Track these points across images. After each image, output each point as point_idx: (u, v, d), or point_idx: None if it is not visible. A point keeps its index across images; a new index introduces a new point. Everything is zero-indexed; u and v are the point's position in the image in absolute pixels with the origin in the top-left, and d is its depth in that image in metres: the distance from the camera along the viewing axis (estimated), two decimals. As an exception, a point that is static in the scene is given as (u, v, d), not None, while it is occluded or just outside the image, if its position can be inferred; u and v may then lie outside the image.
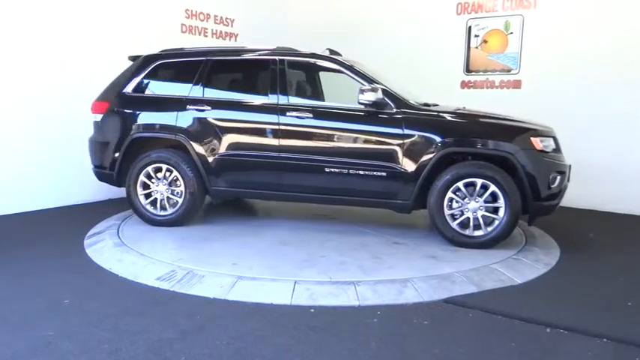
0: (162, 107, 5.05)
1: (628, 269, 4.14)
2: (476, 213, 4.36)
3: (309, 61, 5.12)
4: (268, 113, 4.78)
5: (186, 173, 4.90)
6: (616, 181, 6.09)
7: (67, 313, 3.17)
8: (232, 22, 7.89)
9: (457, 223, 4.42)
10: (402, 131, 4.47)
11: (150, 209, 5.05)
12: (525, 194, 4.30)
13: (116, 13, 6.35)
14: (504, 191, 4.26)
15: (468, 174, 4.35)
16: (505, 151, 4.32)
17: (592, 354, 2.75)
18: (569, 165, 4.59)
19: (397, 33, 7.60)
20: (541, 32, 6.60)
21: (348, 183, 4.64)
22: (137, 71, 5.19)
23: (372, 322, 3.10)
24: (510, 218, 4.29)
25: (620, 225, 5.67)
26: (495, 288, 3.64)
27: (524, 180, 4.28)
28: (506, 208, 4.28)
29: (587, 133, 6.18)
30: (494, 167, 4.32)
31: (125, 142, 5.04)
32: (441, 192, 4.39)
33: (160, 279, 3.69)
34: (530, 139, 4.35)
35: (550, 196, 4.39)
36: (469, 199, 4.36)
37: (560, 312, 3.25)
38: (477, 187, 4.33)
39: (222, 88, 5.18)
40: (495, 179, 4.28)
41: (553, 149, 4.48)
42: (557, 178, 4.38)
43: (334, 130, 4.68)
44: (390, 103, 4.53)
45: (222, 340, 2.83)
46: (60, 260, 4.17)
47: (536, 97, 6.55)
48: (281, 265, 3.92)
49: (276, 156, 4.74)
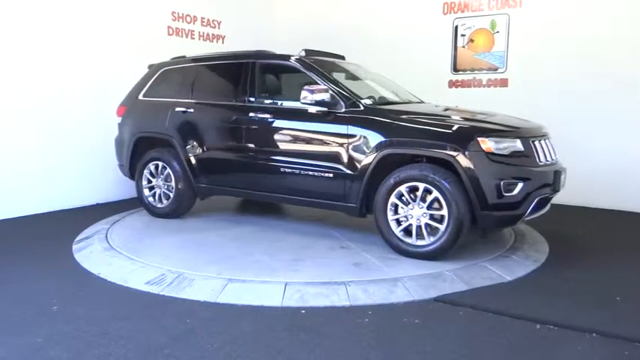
0: (158, 110, 5.50)
1: (616, 264, 4.18)
2: (419, 220, 4.03)
3: (276, 63, 5.16)
4: (235, 114, 5.01)
5: (175, 170, 5.33)
6: (604, 178, 6.16)
7: (55, 319, 3.14)
8: (219, 24, 7.86)
9: (400, 230, 4.12)
10: (346, 131, 4.34)
11: (151, 201, 5.57)
12: (471, 202, 3.87)
13: (101, 15, 6.30)
14: (447, 198, 3.89)
15: (410, 177, 4.02)
16: (445, 153, 3.92)
17: (582, 349, 2.77)
18: (555, 170, 4.13)
19: (384, 34, 7.64)
20: (527, 31, 6.65)
21: (301, 183, 4.64)
22: (148, 78, 5.76)
23: (364, 322, 3.10)
24: (453, 228, 3.87)
25: (608, 221, 5.73)
26: (485, 286, 3.66)
27: (468, 186, 3.84)
28: (449, 216, 3.88)
29: (573, 129, 6.23)
30: (437, 170, 3.94)
31: (132, 141, 5.62)
32: (384, 196, 4.13)
33: (149, 283, 3.67)
34: (477, 139, 3.87)
35: (505, 205, 3.87)
36: (413, 204, 4.05)
37: (550, 308, 3.27)
38: (420, 192, 4.00)
39: (203, 91, 5.41)
40: (437, 184, 3.92)
41: (515, 152, 3.95)
42: (516, 185, 3.84)
43: (288, 130, 4.74)
44: (340, 102, 4.42)
45: (212, 344, 2.81)
46: (48, 266, 4.13)
47: (523, 94, 6.60)
48: (195, 259, 4.10)
49: (241, 156, 4.98)
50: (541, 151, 4.12)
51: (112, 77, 6.44)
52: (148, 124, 5.59)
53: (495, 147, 3.87)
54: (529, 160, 4.00)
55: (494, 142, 3.88)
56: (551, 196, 4.19)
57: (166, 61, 5.79)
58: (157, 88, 5.65)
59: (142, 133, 5.59)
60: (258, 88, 5.04)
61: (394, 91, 5.28)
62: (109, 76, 6.41)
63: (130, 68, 6.60)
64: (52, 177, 5.92)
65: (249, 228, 5.11)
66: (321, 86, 4.45)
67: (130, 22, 6.62)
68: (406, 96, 5.26)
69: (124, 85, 6.51)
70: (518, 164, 3.95)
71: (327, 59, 5.28)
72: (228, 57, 5.38)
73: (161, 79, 5.67)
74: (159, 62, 5.81)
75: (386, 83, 5.45)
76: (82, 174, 6.21)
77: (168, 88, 5.58)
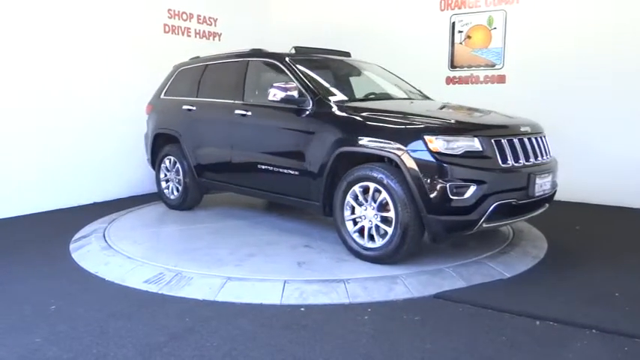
0: (171, 108, 5.89)
1: (614, 260, 4.18)
2: (371, 222, 3.92)
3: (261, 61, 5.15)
4: (226, 112, 5.14)
5: (183, 165, 5.67)
6: (602, 173, 6.15)
7: (53, 318, 3.12)
8: (215, 22, 7.83)
9: (354, 231, 4.02)
10: (310, 129, 4.32)
11: (166, 193, 5.97)
12: (417, 204, 3.65)
13: (96, 14, 6.26)
14: (394, 199, 3.72)
15: (362, 177, 3.91)
16: (391, 152, 3.74)
17: (581, 345, 2.77)
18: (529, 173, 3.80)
19: (381, 30, 7.62)
20: (524, 27, 6.64)
21: (275, 180, 4.69)
22: (169, 78, 6.14)
23: (363, 319, 3.09)
24: (399, 232, 3.70)
25: (606, 217, 5.73)
26: (484, 282, 3.66)
27: (413, 187, 3.63)
28: (396, 218, 3.73)
29: (571, 125, 6.23)
30: (387, 171, 3.78)
31: (152, 137, 6.08)
32: (341, 196, 4.06)
33: (147, 282, 3.65)
34: (423, 138, 3.62)
35: (454, 209, 3.59)
36: (366, 205, 3.95)
37: (549, 304, 3.28)
38: (371, 192, 3.88)
39: (206, 90, 5.62)
40: (385, 185, 3.75)
41: (471, 152, 3.64)
42: (467, 188, 3.56)
43: (264, 128, 4.82)
44: (308, 99, 4.37)
45: (212, 342, 2.80)
46: (45, 265, 4.11)
47: (521, 91, 6.59)
48: (156, 248, 4.40)
49: (230, 153, 5.16)
50: (510, 152, 3.76)
51: (108, 76, 6.41)
52: (163, 121, 5.97)
53: (444, 146, 3.60)
54: (488, 162, 3.66)
55: (443, 141, 3.61)
56: (520, 202, 3.79)
57: (184, 62, 6.09)
58: (174, 88, 6.00)
59: (159, 130, 5.99)
60: (247, 87, 5.11)
61: (395, 88, 5.27)
62: (105, 74, 6.38)
63: (126, 67, 6.59)
64: (49, 176, 5.88)
65: (239, 222, 5.29)
66: (288, 84, 4.42)
67: (126, 20, 6.58)
68: (407, 92, 5.24)
69: (119, 84, 6.52)
70: (472, 165, 3.61)
71: (318, 56, 5.27)
72: (228, 57, 5.52)
73: (178, 78, 6.01)
74: (179, 62, 6.13)
75: (389, 79, 5.44)
76: (78, 173, 6.17)
77: (182, 87, 5.90)
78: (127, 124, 6.61)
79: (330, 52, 5.53)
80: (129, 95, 6.63)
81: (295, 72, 4.65)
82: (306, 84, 4.50)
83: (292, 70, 4.68)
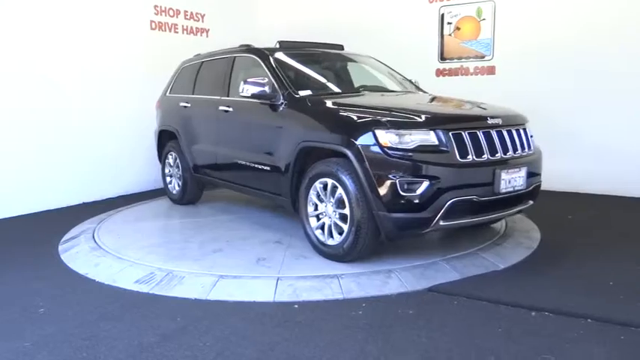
0: (172, 105, 5.98)
1: (608, 249, 4.18)
2: (331, 219, 3.84)
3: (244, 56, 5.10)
4: (214, 109, 5.15)
5: (182, 159, 5.78)
6: (594, 162, 6.15)
7: (42, 322, 3.07)
8: (203, 18, 7.74)
9: (316, 227, 3.95)
10: (278, 124, 4.28)
11: (169, 188, 6.13)
12: (368, 201, 3.52)
13: (81, 11, 6.15)
14: (348, 195, 3.61)
15: (321, 173, 3.83)
16: (342, 146, 3.64)
17: (577, 335, 2.75)
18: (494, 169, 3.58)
19: (370, 23, 7.56)
20: (513, 17, 6.62)
21: (252, 175, 4.72)
22: (173, 76, 6.22)
23: (357, 315, 3.06)
24: (353, 229, 3.60)
25: (598, 206, 5.73)
26: (479, 274, 3.64)
27: (363, 183, 3.50)
28: (350, 215, 3.62)
29: (562, 115, 6.23)
30: (342, 166, 3.66)
31: (157, 133, 6.25)
32: (304, 192, 3.99)
33: (138, 282, 3.60)
34: (374, 131, 3.49)
35: (405, 207, 3.42)
36: (326, 202, 3.87)
37: (544, 295, 3.26)
38: (329, 188, 3.81)
39: (199, 87, 5.67)
40: (341, 180, 3.65)
41: (425, 146, 3.46)
42: (419, 184, 3.38)
43: (241, 123, 4.85)
44: (279, 94, 4.32)
45: (204, 342, 2.76)
46: (34, 268, 4.04)
47: (511, 82, 6.57)
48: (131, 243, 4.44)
49: (215, 148, 5.23)
50: (471, 146, 3.55)
51: (95, 74, 6.32)
52: (165, 118, 6.13)
53: (395, 140, 3.45)
54: (444, 156, 3.47)
55: (394, 134, 3.46)
56: (483, 199, 3.58)
57: (188, 59, 6.11)
58: (177, 85, 6.09)
59: (162, 127, 6.15)
60: (232, 83, 5.09)
61: (386, 80, 5.22)
62: (92, 73, 6.29)
63: (112, 65, 6.50)
64: (37, 177, 5.79)
65: (228, 217, 5.36)
66: (260, 79, 4.38)
67: (111, 17, 6.48)
68: (399, 85, 5.19)
69: (106, 82, 6.43)
70: (425, 160, 3.43)
71: (301, 50, 5.20)
72: (222, 53, 5.49)
73: (180, 76, 6.08)
74: (183, 60, 6.18)
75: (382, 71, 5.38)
76: (66, 173, 6.08)
77: (183, 84, 5.97)
78: (114, 122, 6.54)
79: (320, 45, 5.46)
80: (116, 93, 6.55)
81: (270, 66, 4.60)
82: (278, 79, 4.45)
83: (268, 64, 4.64)
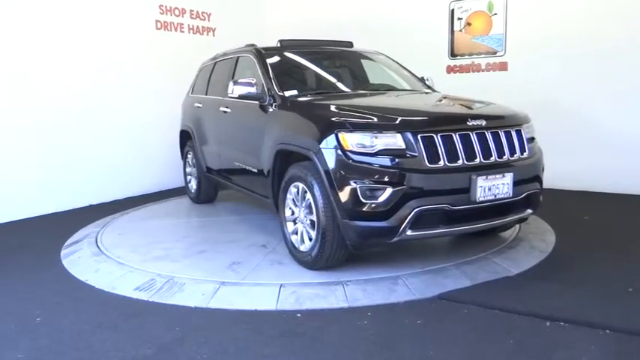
0: (190, 106, 6.06)
1: (625, 253, 3.99)
2: (304, 224, 3.69)
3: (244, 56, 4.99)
4: (219, 109, 5.11)
5: (197, 159, 5.83)
6: (606, 160, 5.94)
7: (38, 331, 2.98)
8: (209, 17, 7.64)
9: (291, 232, 3.81)
10: (263, 126, 4.16)
11: (189, 186, 6.24)
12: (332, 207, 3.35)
13: (86, 12, 6.08)
14: (315, 201, 3.44)
15: (293, 176, 3.71)
16: (308, 149, 3.49)
17: (595, 347, 2.59)
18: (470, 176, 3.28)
19: (378, 20, 7.40)
20: (525, 12, 6.42)
21: (244, 177, 4.71)
22: (196, 76, 6.23)
23: (363, 325, 2.93)
24: (319, 237, 3.43)
25: (615, 206, 5.52)
26: (490, 280, 3.47)
27: (327, 188, 3.32)
28: (317, 221, 3.46)
29: (575, 112, 6.04)
30: (311, 170, 3.50)
31: (179, 133, 6.34)
32: (282, 195, 3.87)
33: (138, 289, 3.50)
34: (336, 134, 3.29)
35: (368, 215, 3.22)
36: (299, 206, 3.72)
37: (559, 303, 3.09)
38: (300, 192, 3.67)
39: (212, 88, 5.62)
40: (310, 185, 3.49)
41: (389, 150, 3.23)
42: (382, 190, 3.17)
43: (235, 124, 4.87)
44: (266, 95, 4.21)
45: (202, 354, 2.65)
46: (34, 273, 3.97)
47: (523, 78, 6.38)
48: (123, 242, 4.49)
49: (220, 148, 5.24)
50: (444, 150, 3.28)
51: (100, 75, 6.25)
52: (185, 118, 6.24)
53: (357, 143, 3.24)
54: (411, 161, 3.22)
55: (357, 137, 3.25)
56: (456, 208, 3.31)
57: (206, 60, 6.09)
58: (197, 86, 6.11)
59: (182, 127, 6.27)
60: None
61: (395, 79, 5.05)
62: (97, 74, 6.22)
63: (117, 66, 6.43)
64: (44, 179, 5.73)
65: (231, 218, 5.34)
66: (248, 79, 4.27)
67: (116, 17, 6.41)
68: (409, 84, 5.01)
69: (111, 83, 6.36)
70: (389, 165, 3.21)
71: (302, 49, 5.04)
72: (229, 53, 5.41)
73: (200, 76, 6.09)
74: (204, 60, 6.16)
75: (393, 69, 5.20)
76: (72, 175, 6.02)
77: (200, 85, 5.99)
78: (119, 123, 6.47)
79: (326, 43, 5.31)
80: (123, 95, 6.48)
81: (263, 66, 4.48)
82: (268, 79, 4.33)
83: (261, 64, 4.53)
